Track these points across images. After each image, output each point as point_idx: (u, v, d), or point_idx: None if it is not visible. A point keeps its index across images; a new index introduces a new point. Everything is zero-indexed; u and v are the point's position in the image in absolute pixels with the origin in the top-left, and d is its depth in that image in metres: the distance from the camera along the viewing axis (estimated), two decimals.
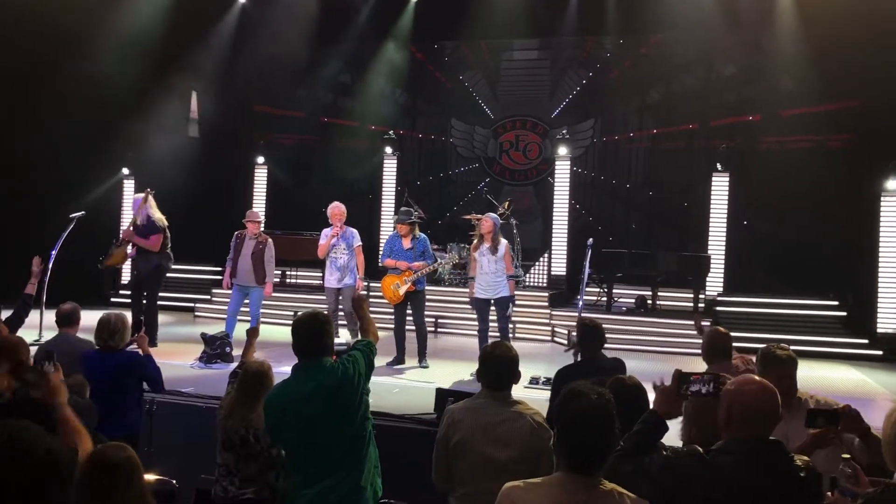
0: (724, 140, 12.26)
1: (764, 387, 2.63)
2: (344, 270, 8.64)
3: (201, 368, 7.98)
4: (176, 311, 12.06)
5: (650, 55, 13.28)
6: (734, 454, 2.53)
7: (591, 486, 2.37)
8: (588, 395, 2.44)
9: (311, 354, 3.47)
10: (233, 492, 4.02)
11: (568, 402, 2.46)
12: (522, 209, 13.24)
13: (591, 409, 2.40)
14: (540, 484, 2.45)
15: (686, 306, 10.96)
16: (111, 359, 4.81)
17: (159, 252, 9.26)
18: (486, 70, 14.44)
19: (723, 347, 4.52)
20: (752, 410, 2.56)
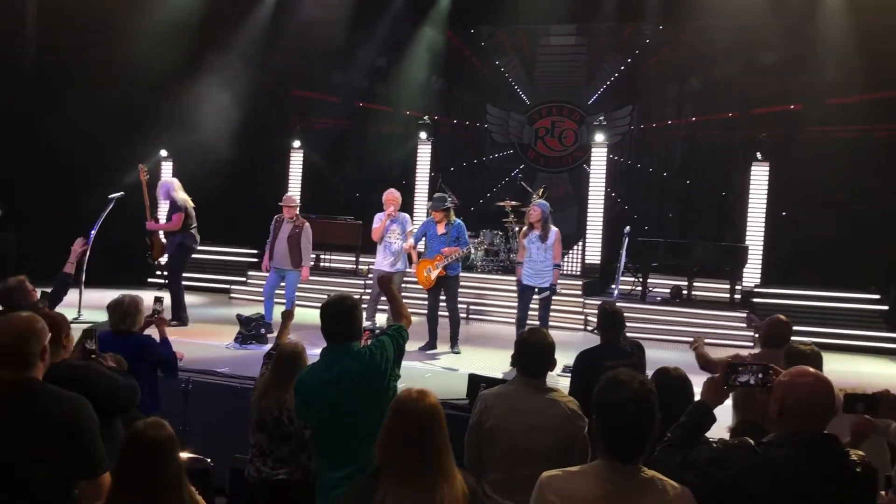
0: (765, 129, 12.03)
1: (819, 379, 2.58)
2: (398, 255, 8.75)
3: (236, 349, 8.08)
4: (212, 293, 12.22)
5: (690, 42, 13.05)
6: (787, 447, 2.48)
7: (631, 474, 2.36)
8: (629, 383, 2.42)
9: (339, 338, 3.48)
10: (266, 472, 4.04)
11: (609, 390, 2.44)
12: (557, 196, 13.13)
13: (633, 398, 2.38)
14: (579, 472, 2.43)
15: (722, 297, 10.83)
16: (123, 342, 4.70)
17: (182, 231, 9.38)
18: (523, 56, 14.32)
19: (780, 336, 4.62)
20: (806, 403, 2.51)
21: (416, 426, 2.44)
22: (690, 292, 11.00)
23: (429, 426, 2.45)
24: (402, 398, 2.55)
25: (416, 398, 2.50)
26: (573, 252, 12.77)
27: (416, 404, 2.48)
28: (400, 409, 2.51)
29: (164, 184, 9.71)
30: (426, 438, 2.43)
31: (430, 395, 2.53)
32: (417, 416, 2.46)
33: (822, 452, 2.47)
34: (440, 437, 2.46)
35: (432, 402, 2.51)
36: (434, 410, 2.48)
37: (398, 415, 2.50)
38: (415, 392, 2.54)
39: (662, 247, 11.03)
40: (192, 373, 6.53)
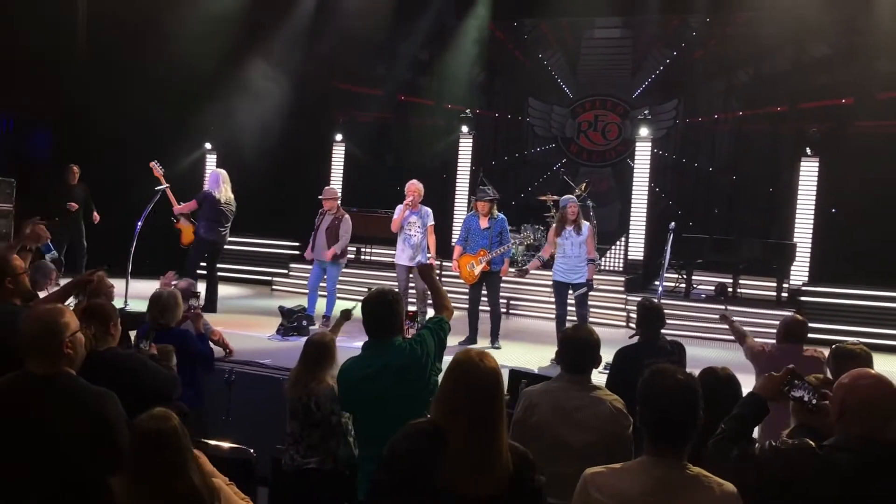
0: (814, 124, 11.75)
1: (880, 380, 2.51)
2: (417, 249, 8.62)
3: (279, 341, 8.15)
4: (254, 285, 12.36)
5: (737, 34, 12.79)
6: (849, 451, 2.42)
7: (676, 469, 2.34)
8: (673, 373, 2.43)
9: (380, 333, 3.51)
10: (298, 460, 4.09)
11: (653, 380, 2.44)
12: (600, 191, 13.01)
13: (677, 386, 2.40)
14: (623, 469, 2.42)
15: (769, 296, 10.63)
16: (162, 336, 4.73)
17: (204, 221, 9.52)
18: (566, 49, 14.18)
19: (797, 333, 4.95)
20: (867, 405, 2.45)
21: (478, 386, 2.41)
22: (736, 290, 10.80)
23: (492, 386, 2.43)
24: (463, 359, 2.51)
25: (478, 359, 2.48)
26: (616, 248, 12.63)
27: (479, 365, 2.45)
28: (462, 368, 2.48)
29: (212, 173, 9.97)
30: (489, 399, 2.41)
31: (490, 356, 2.51)
32: (481, 374, 2.43)
33: (887, 459, 2.40)
34: (501, 400, 2.45)
35: (494, 363, 2.49)
36: (497, 372, 2.47)
37: (460, 373, 2.47)
38: (475, 353, 2.52)
39: (707, 243, 10.85)
40: (235, 364, 6.62)
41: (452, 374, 2.48)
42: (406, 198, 8.66)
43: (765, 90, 12.70)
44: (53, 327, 2.87)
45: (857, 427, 2.45)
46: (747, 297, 10.79)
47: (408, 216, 8.65)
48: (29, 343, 2.86)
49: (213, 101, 12.65)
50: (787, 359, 4.31)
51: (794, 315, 5.21)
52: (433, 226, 8.81)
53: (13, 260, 3.97)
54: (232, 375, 6.39)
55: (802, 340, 4.90)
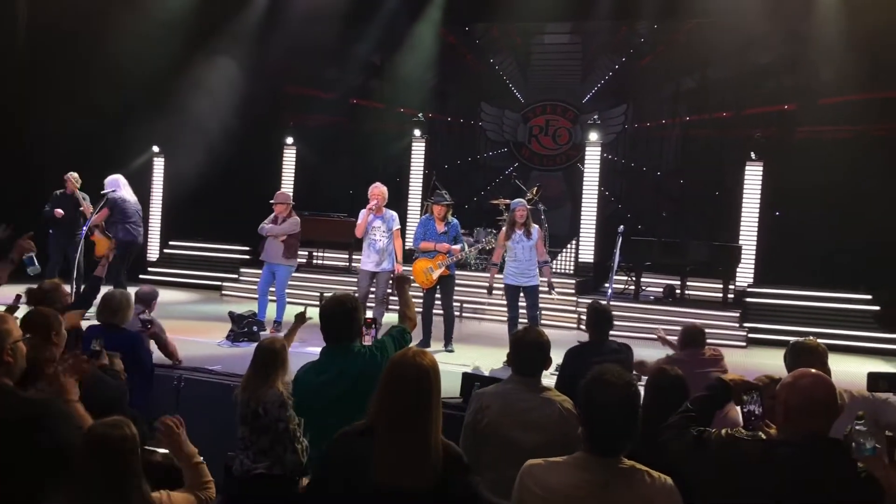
0: (759, 129, 12.05)
1: (819, 378, 2.63)
2: (382, 254, 8.54)
3: (228, 347, 8.03)
4: (203, 290, 12.18)
5: (684, 41, 13.06)
6: (793, 447, 2.52)
7: (611, 465, 2.44)
8: (615, 384, 2.49)
9: (339, 339, 3.51)
10: (248, 465, 4.05)
11: (594, 391, 2.50)
12: (551, 195, 13.13)
13: (617, 399, 2.46)
14: (561, 463, 2.50)
15: (715, 297, 10.84)
16: (112, 337, 4.64)
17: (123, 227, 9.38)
18: (517, 54, 14.31)
19: (696, 339, 5.21)
20: (808, 401, 2.56)
21: (404, 381, 2.45)
22: (684, 291, 11.00)
23: (418, 382, 2.45)
24: (396, 357, 2.56)
25: (410, 357, 2.51)
26: (567, 251, 12.76)
27: (409, 362, 2.48)
28: (393, 365, 2.52)
29: (109, 180, 9.51)
30: (413, 393, 2.44)
31: (425, 355, 2.53)
32: (407, 370, 2.46)
33: (826, 456, 2.49)
34: (429, 396, 2.46)
35: (426, 361, 2.50)
36: (426, 369, 2.48)
37: (390, 370, 2.51)
38: (411, 352, 2.55)
39: (656, 246, 11.03)
40: (185, 370, 6.51)
41: (385, 371, 2.53)
42: (370, 201, 8.57)
43: (711, 96, 12.99)
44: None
45: (801, 424, 2.54)
46: (695, 299, 10.99)
47: (372, 220, 8.55)
48: None
49: (161, 104, 12.43)
50: (691, 361, 4.78)
51: (693, 323, 5.51)
52: (399, 230, 8.76)
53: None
54: (181, 382, 6.30)
55: (702, 345, 5.17)
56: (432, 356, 2.56)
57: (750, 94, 12.51)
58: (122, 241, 9.30)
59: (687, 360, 4.91)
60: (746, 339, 9.85)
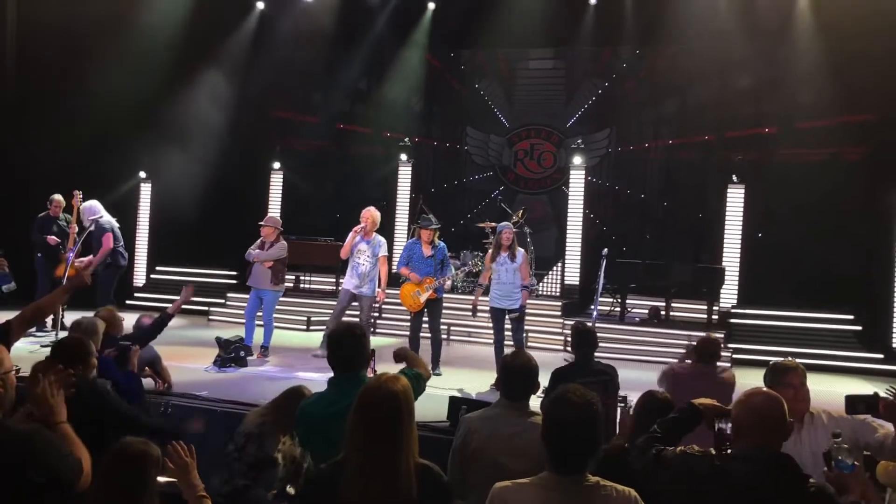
0: (740, 152, 12.24)
1: (770, 395, 2.74)
2: (363, 278, 8.57)
3: (216, 372, 8.02)
4: (190, 315, 12.12)
5: (666, 66, 13.27)
6: (742, 461, 2.60)
7: (575, 483, 2.53)
8: (574, 401, 2.58)
9: (348, 368, 3.44)
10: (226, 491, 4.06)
11: (554, 409, 2.62)
12: (536, 218, 13.25)
13: (575, 418, 2.55)
14: (528, 484, 2.58)
15: (699, 318, 10.93)
16: None
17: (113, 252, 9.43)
18: (502, 79, 14.49)
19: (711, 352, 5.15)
20: (759, 417, 2.65)
21: (372, 408, 2.49)
22: (668, 313, 11.09)
23: (386, 408, 2.49)
24: (369, 383, 2.59)
25: (380, 383, 2.54)
26: (552, 273, 12.86)
27: (378, 388, 2.52)
28: (363, 391, 2.56)
29: (87, 207, 9.45)
30: (382, 420, 2.48)
31: (397, 380, 2.56)
32: (375, 397, 2.50)
33: (776, 470, 2.57)
34: (398, 422, 2.50)
35: (397, 387, 2.53)
36: (396, 394, 2.51)
37: (360, 397, 2.54)
38: (383, 378, 2.58)
39: (640, 268, 11.14)
40: (172, 396, 6.52)
41: (357, 398, 2.57)
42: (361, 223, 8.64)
43: (693, 120, 13.19)
44: None
45: (752, 438, 2.64)
46: (679, 320, 11.08)
47: (357, 243, 8.60)
48: None
49: (148, 129, 12.48)
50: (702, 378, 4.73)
51: (709, 334, 5.52)
52: (386, 257, 8.77)
53: None
54: (168, 408, 6.29)
55: (717, 358, 5.18)
56: (406, 381, 2.60)
57: (730, 117, 12.72)
58: (117, 265, 9.44)
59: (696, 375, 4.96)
60: (731, 359, 9.92)
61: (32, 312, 4.18)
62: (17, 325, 3.91)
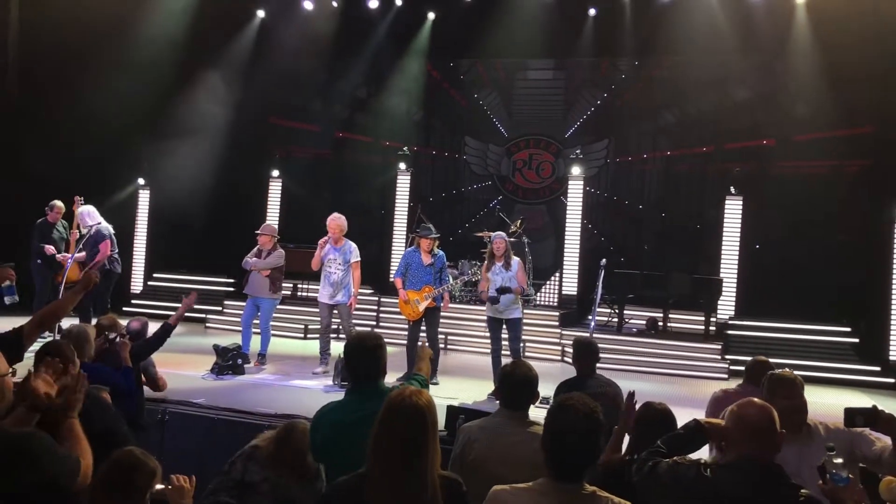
0: (738, 163, 12.27)
1: (763, 408, 2.74)
2: (337, 287, 8.54)
3: (213, 379, 8.01)
4: (187, 322, 12.06)
5: (664, 78, 13.33)
6: (731, 470, 2.62)
7: (573, 492, 2.52)
8: (576, 408, 2.59)
9: (365, 377, 3.40)
10: None
11: (556, 415, 2.62)
12: (535, 228, 13.27)
13: (577, 425, 2.55)
14: (525, 489, 2.58)
15: (697, 329, 10.94)
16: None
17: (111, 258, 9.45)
18: (501, 89, 14.54)
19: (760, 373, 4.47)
20: (751, 429, 2.66)
21: (401, 423, 2.47)
22: (666, 324, 11.09)
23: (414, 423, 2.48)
24: (393, 397, 2.56)
25: (406, 397, 2.53)
26: (550, 283, 12.86)
27: (404, 402, 2.50)
28: (389, 405, 2.53)
29: (85, 212, 9.44)
30: (411, 434, 2.47)
31: (422, 394, 2.55)
32: (402, 412, 2.48)
33: (765, 480, 2.58)
34: (425, 435, 2.49)
35: (422, 401, 2.52)
36: (422, 409, 2.50)
37: (386, 411, 2.52)
38: (407, 391, 2.56)
39: (638, 278, 11.13)
40: (169, 403, 6.51)
41: (382, 411, 2.54)
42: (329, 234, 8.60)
43: (690, 131, 13.23)
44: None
45: (741, 447, 2.66)
46: (677, 331, 11.09)
47: (327, 252, 8.57)
48: None
49: (147, 135, 12.49)
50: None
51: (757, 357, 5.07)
52: (359, 262, 8.66)
53: None
54: (165, 415, 6.29)
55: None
56: (428, 395, 2.59)
57: (729, 129, 12.77)
58: (113, 272, 9.48)
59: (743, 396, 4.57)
60: (728, 371, 9.94)
61: (45, 316, 4.17)
62: (30, 329, 3.89)
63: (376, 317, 11.66)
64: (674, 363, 10.10)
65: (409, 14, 13.73)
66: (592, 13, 13.05)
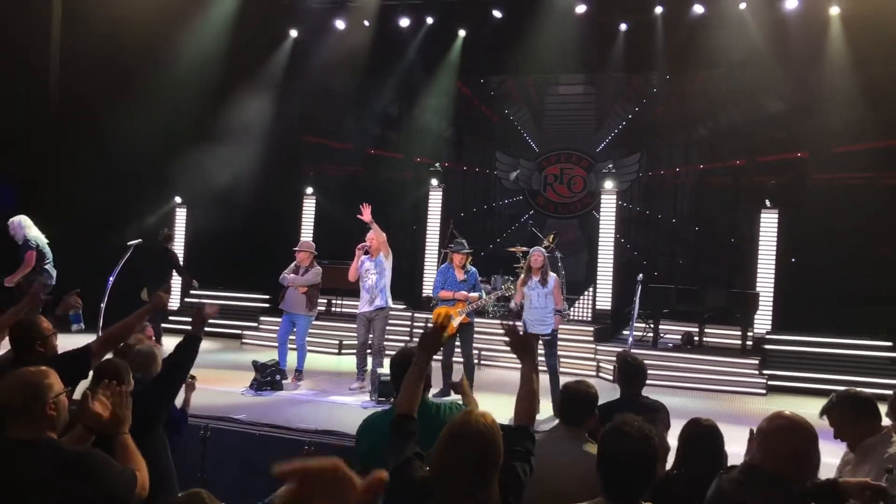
0: (772, 176, 12.17)
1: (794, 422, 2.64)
2: (373, 291, 8.56)
3: (252, 395, 8.09)
4: (224, 338, 12.26)
5: (697, 91, 13.29)
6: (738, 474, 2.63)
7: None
8: (632, 435, 2.57)
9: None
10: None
11: (612, 441, 2.60)
12: (567, 242, 13.26)
13: (635, 452, 2.54)
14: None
15: (734, 344, 10.82)
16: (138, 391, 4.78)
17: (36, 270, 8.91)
18: (532, 104, 14.58)
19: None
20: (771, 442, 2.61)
21: (471, 448, 2.48)
22: (702, 339, 11.00)
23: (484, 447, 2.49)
24: (461, 419, 2.57)
25: (475, 420, 2.54)
26: (584, 298, 12.82)
27: (474, 426, 2.52)
28: (459, 428, 2.53)
29: (16, 223, 9.08)
30: (480, 459, 2.48)
31: (488, 417, 2.58)
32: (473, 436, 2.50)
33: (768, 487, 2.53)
34: (493, 459, 2.51)
35: (489, 424, 2.54)
36: (489, 432, 2.52)
37: (456, 433, 2.53)
38: (475, 414, 2.58)
39: (673, 293, 11.06)
40: (210, 419, 6.59)
41: (446, 432, 2.55)
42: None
43: (724, 144, 13.16)
44: (36, 389, 2.80)
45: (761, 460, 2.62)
46: (713, 346, 10.99)
47: (363, 262, 8.66)
48: (9, 406, 2.79)
49: (183, 154, 12.70)
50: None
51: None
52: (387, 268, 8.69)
53: (41, 322, 3.94)
54: (207, 431, 6.38)
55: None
56: (492, 417, 2.61)
57: (763, 141, 12.68)
58: (45, 284, 8.79)
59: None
60: (766, 386, 9.83)
61: (112, 334, 4.28)
62: (98, 347, 4.02)
63: (409, 332, 11.71)
64: (710, 378, 10.01)
65: (439, 31, 13.85)
66: (623, 28, 13.06)
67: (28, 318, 4.08)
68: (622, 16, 13.00)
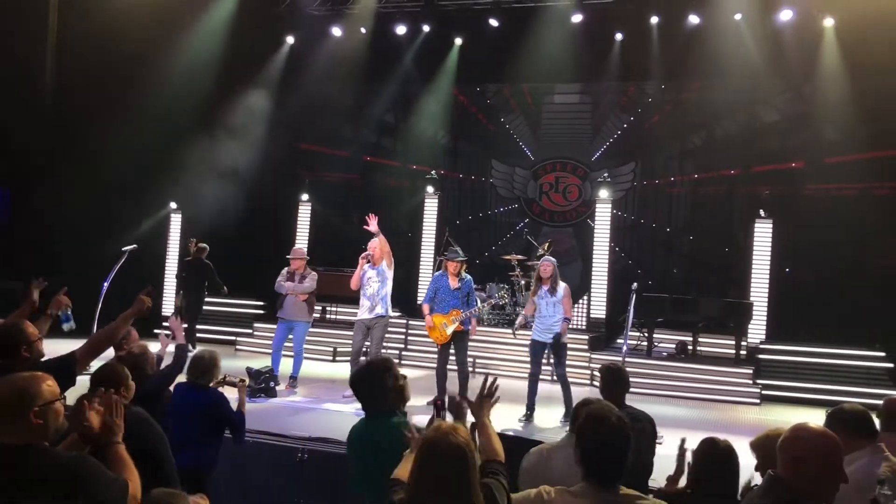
0: (767, 186, 12.22)
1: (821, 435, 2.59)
2: (374, 299, 8.54)
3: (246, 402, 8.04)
4: (218, 344, 12.20)
5: (691, 101, 13.35)
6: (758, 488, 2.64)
7: (609, 494, 2.61)
8: (607, 418, 2.68)
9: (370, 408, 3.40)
10: None
11: (589, 425, 2.70)
12: (562, 251, 13.27)
13: (610, 434, 2.64)
14: (567, 491, 2.68)
15: (727, 353, 10.85)
16: (198, 395, 4.92)
17: None
18: (528, 113, 14.63)
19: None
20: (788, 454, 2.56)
21: (445, 463, 2.44)
22: (696, 348, 11.02)
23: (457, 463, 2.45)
24: (431, 435, 2.53)
25: (446, 435, 2.49)
26: (578, 306, 12.82)
27: (446, 441, 2.47)
28: (430, 445, 2.50)
29: None
30: (454, 475, 2.45)
31: (460, 431, 2.53)
32: (446, 452, 2.45)
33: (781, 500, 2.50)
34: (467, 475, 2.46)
35: (461, 439, 2.50)
36: (463, 447, 2.48)
37: (428, 450, 2.49)
38: (444, 428, 2.53)
39: (668, 302, 11.08)
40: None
41: (419, 451, 2.52)
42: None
43: (718, 154, 13.21)
44: (22, 396, 2.76)
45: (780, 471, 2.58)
46: (707, 355, 11.00)
47: (366, 271, 8.64)
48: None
49: (179, 160, 12.70)
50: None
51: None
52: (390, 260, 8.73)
53: (27, 327, 3.91)
54: None
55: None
56: (466, 432, 2.57)
57: (757, 152, 12.74)
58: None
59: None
60: (760, 395, 9.85)
61: (98, 341, 4.22)
62: (83, 354, 3.96)
63: (404, 340, 11.71)
64: (704, 387, 10.02)
65: (436, 39, 13.90)
66: (619, 37, 13.12)
67: (13, 322, 4.03)
68: (618, 26, 13.06)
